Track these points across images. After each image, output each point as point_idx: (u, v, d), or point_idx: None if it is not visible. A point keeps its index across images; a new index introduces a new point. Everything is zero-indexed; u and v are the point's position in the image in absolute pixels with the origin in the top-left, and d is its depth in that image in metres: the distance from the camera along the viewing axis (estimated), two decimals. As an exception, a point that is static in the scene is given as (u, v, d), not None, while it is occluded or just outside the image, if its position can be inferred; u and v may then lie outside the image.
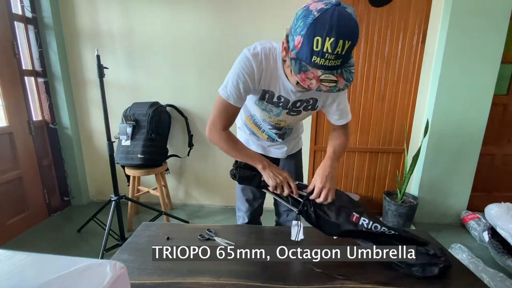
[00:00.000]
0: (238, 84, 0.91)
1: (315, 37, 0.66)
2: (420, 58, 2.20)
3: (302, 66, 0.72)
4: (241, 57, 0.91)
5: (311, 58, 0.69)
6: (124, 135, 2.18)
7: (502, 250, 1.87)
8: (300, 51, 0.70)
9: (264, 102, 1.00)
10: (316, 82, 0.71)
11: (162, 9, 2.26)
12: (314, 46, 0.66)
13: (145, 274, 0.82)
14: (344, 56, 0.68)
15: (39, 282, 0.42)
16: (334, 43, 0.65)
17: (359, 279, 0.80)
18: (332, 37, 0.64)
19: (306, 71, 0.71)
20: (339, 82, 0.71)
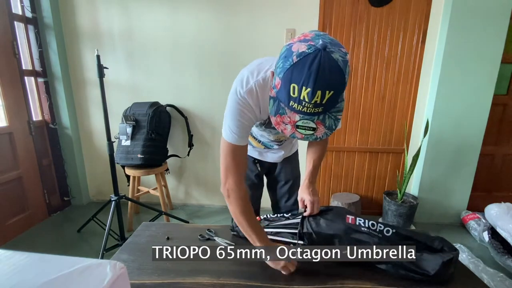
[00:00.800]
0: (240, 122, 0.84)
1: (291, 83, 0.61)
2: (420, 58, 2.20)
3: (280, 108, 0.67)
4: (234, 97, 0.84)
5: (288, 102, 0.64)
6: (124, 135, 2.18)
7: (502, 250, 1.87)
8: (279, 92, 0.65)
9: (263, 127, 0.98)
10: (292, 128, 0.66)
11: (162, 9, 2.26)
12: (291, 92, 0.62)
13: (145, 274, 0.82)
14: (325, 105, 0.63)
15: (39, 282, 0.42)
16: (310, 93, 0.59)
17: (359, 279, 0.80)
18: (309, 88, 0.59)
19: (283, 115, 0.66)
20: (318, 130, 0.66)
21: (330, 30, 2.20)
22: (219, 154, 0.92)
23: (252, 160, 1.26)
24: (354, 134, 2.41)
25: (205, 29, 2.27)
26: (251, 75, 0.84)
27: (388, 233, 0.88)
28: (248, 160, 1.26)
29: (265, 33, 2.23)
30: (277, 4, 2.16)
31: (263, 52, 2.26)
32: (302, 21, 2.17)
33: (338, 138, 2.43)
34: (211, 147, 2.52)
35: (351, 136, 2.42)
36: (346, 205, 2.27)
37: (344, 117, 2.37)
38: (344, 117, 2.38)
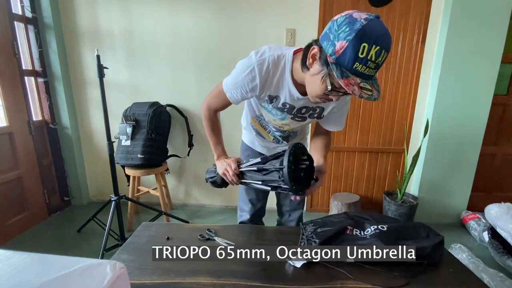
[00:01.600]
0: (236, 87, 0.95)
1: (362, 43, 0.66)
2: (420, 58, 2.21)
3: (344, 72, 0.71)
4: (247, 62, 0.90)
5: (353, 64, 0.69)
6: (124, 135, 2.18)
7: (502, 250, 1.87)
8: (342, 56, 0.69)
9: (271, 105, 1.00)
10: (358, 89, 0.71)
11: (162, 9, 2.26)
12: (359, 52, 0.67)
13: (145, 274, 0.82)
14: (380, 66, 0.71)
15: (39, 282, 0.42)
16: (379, 52, 0.67)
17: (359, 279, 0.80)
18: (378, 46, 0.66)
19: (348, 77, 0.71)
20: (374, 92, 0.73)
21: (330, 30, 2.20)
22: None
23: (258, 153, 1.28)
24: (354, 134, 2.41)
25: (205, 29, 2.27)
26: (269, 49, 0.90)
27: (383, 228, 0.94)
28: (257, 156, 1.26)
29: (265, 33, 2.23)
30: (277, 4, 2.16)
31: (263, 52, 2.26)
32: (302, 21, 2.17)
33: (338, 138, 2.43)
34: (211, 147, 2.52)
35: (351, 136, 2.42)
36: (346, 205, 2.27)
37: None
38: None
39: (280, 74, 0.90)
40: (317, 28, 2.18)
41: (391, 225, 0.95)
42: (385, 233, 0.92)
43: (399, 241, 0.88)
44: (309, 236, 0.94)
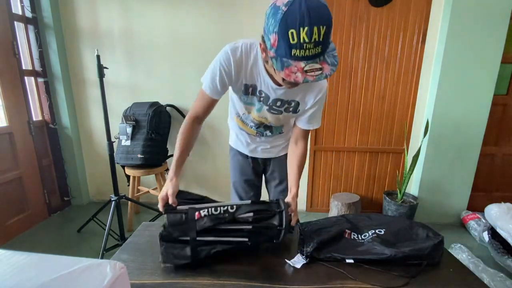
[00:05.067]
0: (214, 76, 0.94)
1: (288, 30, 0.65)
2: (420, 58, 2.20)
3: (284, 62, 0.71)
4: (221, 51, 0.93)
5: (290, 52, 0.68)
6: (124, 135, 2.18)
7: (502, 250, 1.87)
8: (278, 48, 0.70)
9: (248, 96, 1.01)
10: (302, 74, 0.70)
11: (162, 9, 2.26)
12: (290, 39, 0.66)
13: (145, 274, 0.82)
14: (323, 42, 0.67)
15: (39, 282, 0.42)
16: (309, 32, 0.64)
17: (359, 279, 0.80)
18: (306, 26, 0.64)
19: (289, 66, 0.70)
20: (325, 69, 0.70)
21: (330, 30, 2.20)
22: (219, 154, 0.99)
23: (246, 156, 1.28)
24: (354, 134, 2.41)
25: (205, 29, 2.27)
26: (243, 40, 0.94)
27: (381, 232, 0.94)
28: (243, 157, 1.29)
29: (265, 33, 2.23)
30: (277, 4, 2.16)
31: (263, 52, 2.26)
32: (302, 21, 2.17)
33: (338, 138, 2.43)
34: (211, 147, 2.52)
35: (351, 136, 2.42)
36: (346, 205, 2.27)
37: (344, 117, 2.38)
38: (344, 117, 2.38)
39: (254, 62, 0.92)
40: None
41: (389, 228, 0.95)
42: (382, 237, 0.91)
43: (397, 244, 0.88)
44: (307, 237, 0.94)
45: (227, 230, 0.83)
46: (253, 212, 0.85)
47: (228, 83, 0.96)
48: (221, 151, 2.51)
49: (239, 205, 0.85)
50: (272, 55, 0.73)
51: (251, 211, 0.85)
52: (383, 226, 0.96)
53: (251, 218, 0.84)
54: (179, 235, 0.80)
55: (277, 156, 1.27)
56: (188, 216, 0.81)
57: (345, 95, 2.32)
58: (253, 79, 0.95)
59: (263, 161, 1.29)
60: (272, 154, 1.25)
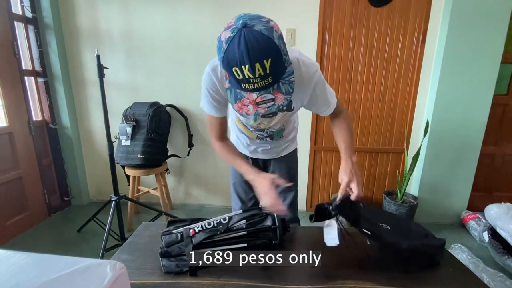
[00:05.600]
0: (208, 97, 0.94)
1: (232, 68, 0.65)
2: (420, 58, 2.20)
3: (237, 94, 0.71)
4: (204, 72, 0.93)
5: (240, 85, 0.68)
6: (124, 135, 2.18)
7: (502, 250, 1.87)
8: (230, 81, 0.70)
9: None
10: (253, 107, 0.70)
11: (162, 9, 2.26)
12: (236, 76, 0.66)
13: (145, 274, 0.82)
14: (272, 73, 0.66)
15: (39, 282, 0.42)
16: (251, 69, 0.63)
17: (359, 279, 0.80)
18: (247, 64, 0.63)
19: (242, 98, 0.71)
20: (277, 99, 0.69)
21: (330, 30, 2.20)
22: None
23: (245, 157, 1.27)
24: (354, 134, 2.41)
25: (205, 29, 2.27)
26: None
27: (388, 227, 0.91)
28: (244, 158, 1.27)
29: (265, 33, 2.22)
30: (277, 4, 2.16)
31: (263, 52, 2.26)
32: (302, 21, 2.17)
33: (338, 138, 2.42)
34: (211, 147, 2.52)
35: (351, 136, 2.41)
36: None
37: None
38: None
39: None
40: (317, 28, 2.18)
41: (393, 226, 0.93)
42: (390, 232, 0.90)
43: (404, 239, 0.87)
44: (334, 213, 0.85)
45: (224, 240, 0.85)
46: (245, 219, 0.88)
47: (220, 99, 0.95)
48: (221, 151, 2.51)
49: (231, 216, 0.89)
50: (227, 86, 0.73)
51: (244, 218, 0.88)
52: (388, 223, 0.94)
53: (244, 225, 0.87)
54: (177, 253, 0.83)
55: (277, 157, 1.26)
56: (184, 235, 0.83)
57: (345, 95, 2.32)
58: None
59: (264, 162, 1.29)
60: (272, 155, 1.25)
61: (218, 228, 0.85)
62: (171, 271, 0.82)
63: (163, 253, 0.83)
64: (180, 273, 0.81)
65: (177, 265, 0.82)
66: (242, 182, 1.29)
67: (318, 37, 2.20)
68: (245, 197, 1.31)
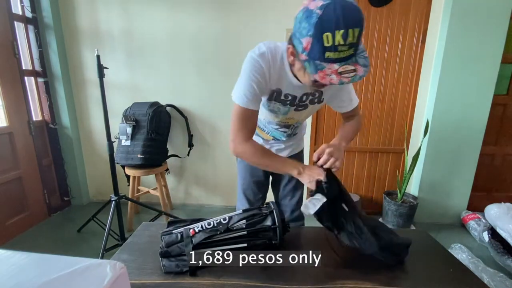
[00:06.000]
0: (252, 86, 0.88)
1: (323, 33, 0.66)
2: (420, 58, 2.20)
3: (317, 65, 0.71)
4: (248, 60, 0.89)
5: (323, 55, 0.69)
6: (124, 135, 2.18)
7: (502, 250, 1.87)
8: (311, 51, 0.70)
9: (272, 102, 0.99)
10: (337, 76, 0.70)
11: (162, 9, 2.26)
12: (324, 42, 0.67)
13: (145, 274, 0.82)
14: (356, 44, 0.68)
15: (39, 282, 0.42)
16: (344, 34, 0.65)
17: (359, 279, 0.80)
18: (342, 29, 0.64)
19: (323, 69, 0.71)
20: (358, 70, 0.71)
21: (330, 30, 2.20)
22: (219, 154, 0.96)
23: None
24: (354, 134, 2.41)
25: (205, 29, 2.27)
26: (264, 44, 0.89)
27: None
28: None
29: (265, 33, 2.23)
30: (277, 4, 2.16)
31: (263, 52, 2.26)
32: (302, 21, 2.17)
33: (338, 138, 2.42)
34: (211, 147, 2.52)
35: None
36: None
37: (344, 117, 2.38)
38: (344, 117, 2.38)
39: (279, 66, 0.90)
40: (317, 28, 2.18)
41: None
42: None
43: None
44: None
45: (224, 240, 0.85)
46: (245, 219, 0.88)
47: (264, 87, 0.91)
48: (221, 151, 2.51)
49: (230, 216, 0.89)
50: (304, 58, 0.73)
51: (243, 218, 0.88)
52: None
53: (244, 225, 0.87)
54: (177, 253, 0.83)
55: (289, 156, 1.27)
56: (184, 235, 0.83)
57: (345, 95, 2.32)
58: (279, 83, 0.93)
59: None
60: (285, 153, 1.25)
61: (218, 228, 0.85)
62: (171, 271, 0.82)
63: (163, 253, 0.83)
64: (180, 273, 0.81)
65: (177, 265, 0.82)
66: (251, 183, 1.29)
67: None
68: (253, 198, 1.30)
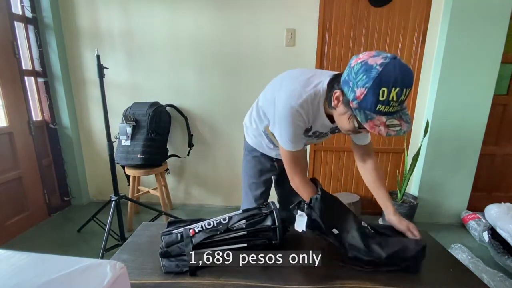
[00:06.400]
0: (296, 133, 0.95)
1: (381, 88, 0.70)
2: (420, 58, 2.20)
3: (368, 115, 0.75)
4: (288, 111, 0.91)
5: (375, 107, 0.73)
6: (124, 135, 2.18)
7: (502, 250, 1.87)
8: (363, 101, 0.74)
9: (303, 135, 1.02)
10: (384, 128, 0.75)
11: (162, 8, 2.26)
12: (380, 96, 0.71)
13: (145, 274, 0.82)
14: (404, 101, 0.74)
15: (39, 282, 0.42)
16: (399, 92, 0.70)
17: (359, 279, 0.80)
18: (398, 87, 0.70)
19: (372, 119, 0.75)
20: (403, 125, 0.76)
21: (330, 30, 2.20)
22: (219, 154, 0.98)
23: (270, 159, 1.28)
24: (354, 134, 2.41)
25: (205, 29, 2.27)
26: (302, 89, 0.91)
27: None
28: (266, 159, 1.28)
29: (265, 33, 2.23)
30: (277, 4, 2.16)
31: (263, 52, 2.26)
32: (302, 21, 2.17)
33: (338, 138, 2.42)
34: (211, 147, 2.52)
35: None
36: (346, 205, 2.26)
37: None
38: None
39: (316, 109, 0.93)
40: (317, 28, 2.18)
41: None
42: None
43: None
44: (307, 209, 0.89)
45: (224, 240, 0.85)
46: (245, 219, 0.88)
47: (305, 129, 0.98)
48: (221, 151, 2.51)
49: (230, 216, 0.90)
50: (354, 106, 0.77)
51: (243, 218, 0.88)
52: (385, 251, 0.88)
53: (244, 225, 0.87)
54: (177, 253, 0.83)
55: None
56: (184, 235, 0.84)
57: (345, 95, 2.32)
58: (313, 123, 0.98)
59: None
60: None
61: (218, 228, 0.85)
62: (171, 271, 0.82)
63: (163, 253, 0.83)
64: (180, 273, 0.81)
65: (177, 265, 0.82)
66: (260, 182, 1.29)
67: (318, 37, 2.20)
68: (259, 195, 1.30)
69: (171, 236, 0.85)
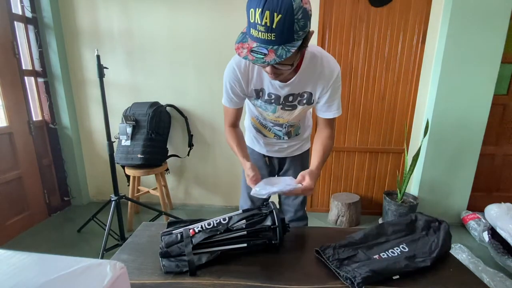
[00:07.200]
0: (227, 90, 1.02)
1: (250, 8, 0.69)
2: (420, 58, 2.20)
3: (244, 38, 0.75)
4: (228, 66, 0.99)
5: (249, 30, 0.73)
6: (124, 135, 2.18)
7: (502, 250, 1.87)
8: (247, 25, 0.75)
9: (259, 100, 1.04)
10: (247, 52, 0.73)
11: (162, 9, 2.26)
12: (250, 17, 0.70)
13: (145, 274, 0.82)
14: (276, 30, 0.68)
15: (39, 282, 0.42)
16: (260, 14, 0.66)
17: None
18: (259, 8, 0.66)
19: (244, 42, 0.75)
20: (268, 56, 0.71)
21: (330, 30, 2.20)
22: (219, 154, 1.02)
23: (262, 156, 1.29)
24: (354, 134, 2.41)
25: (205, 29, 2.27)
26: None
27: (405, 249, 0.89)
28: (258, 156, 1.29)
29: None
30: (277, 4, 2.16)
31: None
32: (302, 21, 2.17)
33: (338, 138, 2.43)
34: (211, 147, 2.52)
35: (351, 136, 2.42)
36: (346, 205, 2.27)
37: (344, 117, 2.38)
38: (344, 117, 2.38)
39: (259, 67, 0.94)
40: (317, 28, 2.18)
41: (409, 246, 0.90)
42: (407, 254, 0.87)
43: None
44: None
45: (223, 240, 0.85)
46: (245, 219, 0.88)
47: (240, 91, 1.01)
48: (221, 151, 2.51)
49: (230, 216, 0.90)
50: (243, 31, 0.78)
51: (243, 218, 0.88)
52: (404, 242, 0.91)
53: (244, 225, 0.87)
54: (177, 253, 0.83)
55: (293, 155, 1.29)
56: (183, 235, 0.84)
57: (345, 95, 2.32)
58: (261, 83, 0.98)
59: (279, 161, 1.31)
60: (288, 154, 1.27)
61: (218, 228, 0.85)
62: (171, 271, 0.82)
63: (163, 253, 0.83)
64: (180, 273, 0.81)
65: (177, 265, 0.82)
66: None
67: (318, 37, 2.20)
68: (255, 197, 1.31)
69: (171, 236, 0.85)
